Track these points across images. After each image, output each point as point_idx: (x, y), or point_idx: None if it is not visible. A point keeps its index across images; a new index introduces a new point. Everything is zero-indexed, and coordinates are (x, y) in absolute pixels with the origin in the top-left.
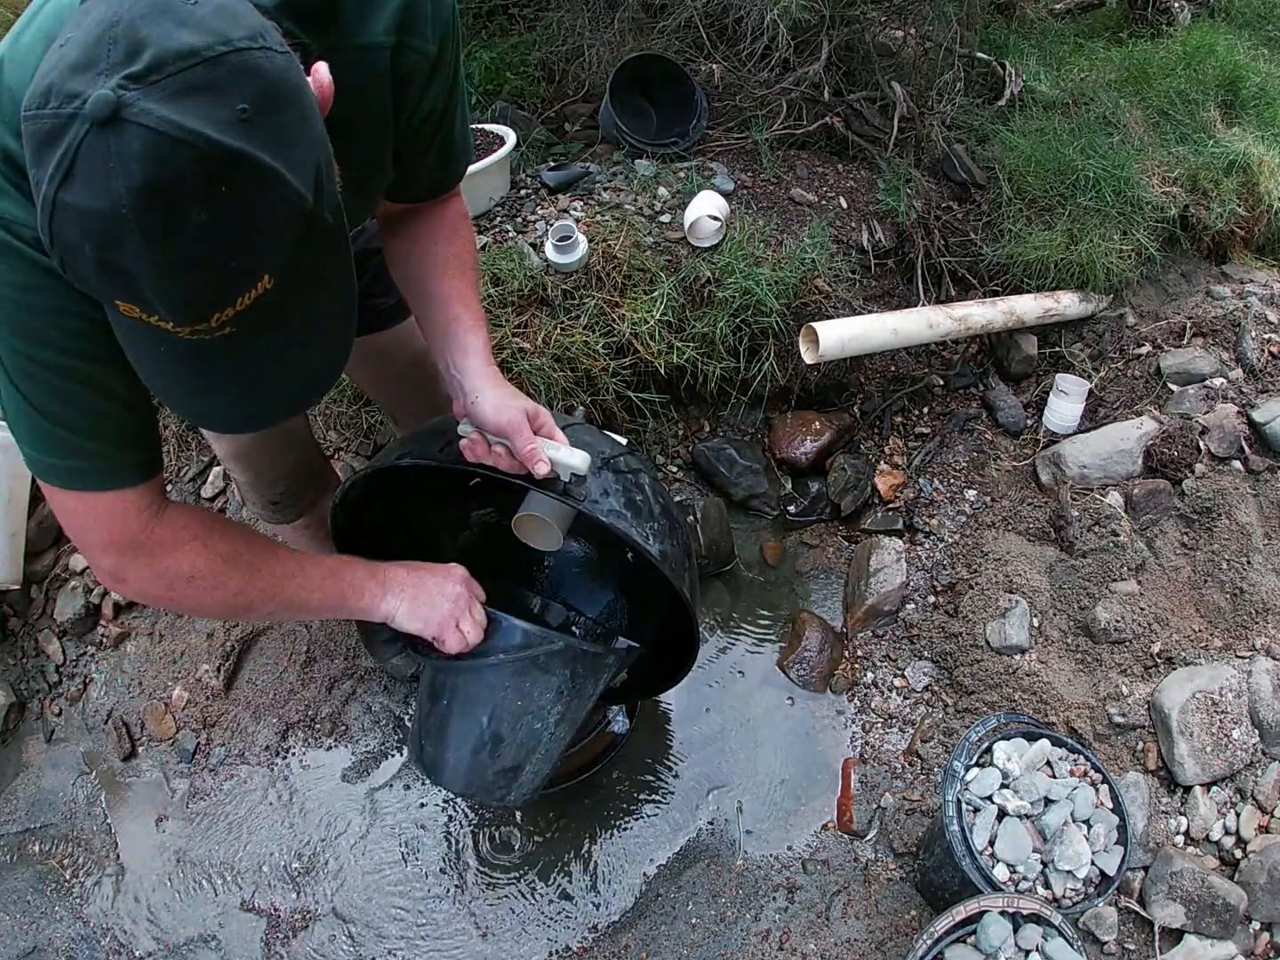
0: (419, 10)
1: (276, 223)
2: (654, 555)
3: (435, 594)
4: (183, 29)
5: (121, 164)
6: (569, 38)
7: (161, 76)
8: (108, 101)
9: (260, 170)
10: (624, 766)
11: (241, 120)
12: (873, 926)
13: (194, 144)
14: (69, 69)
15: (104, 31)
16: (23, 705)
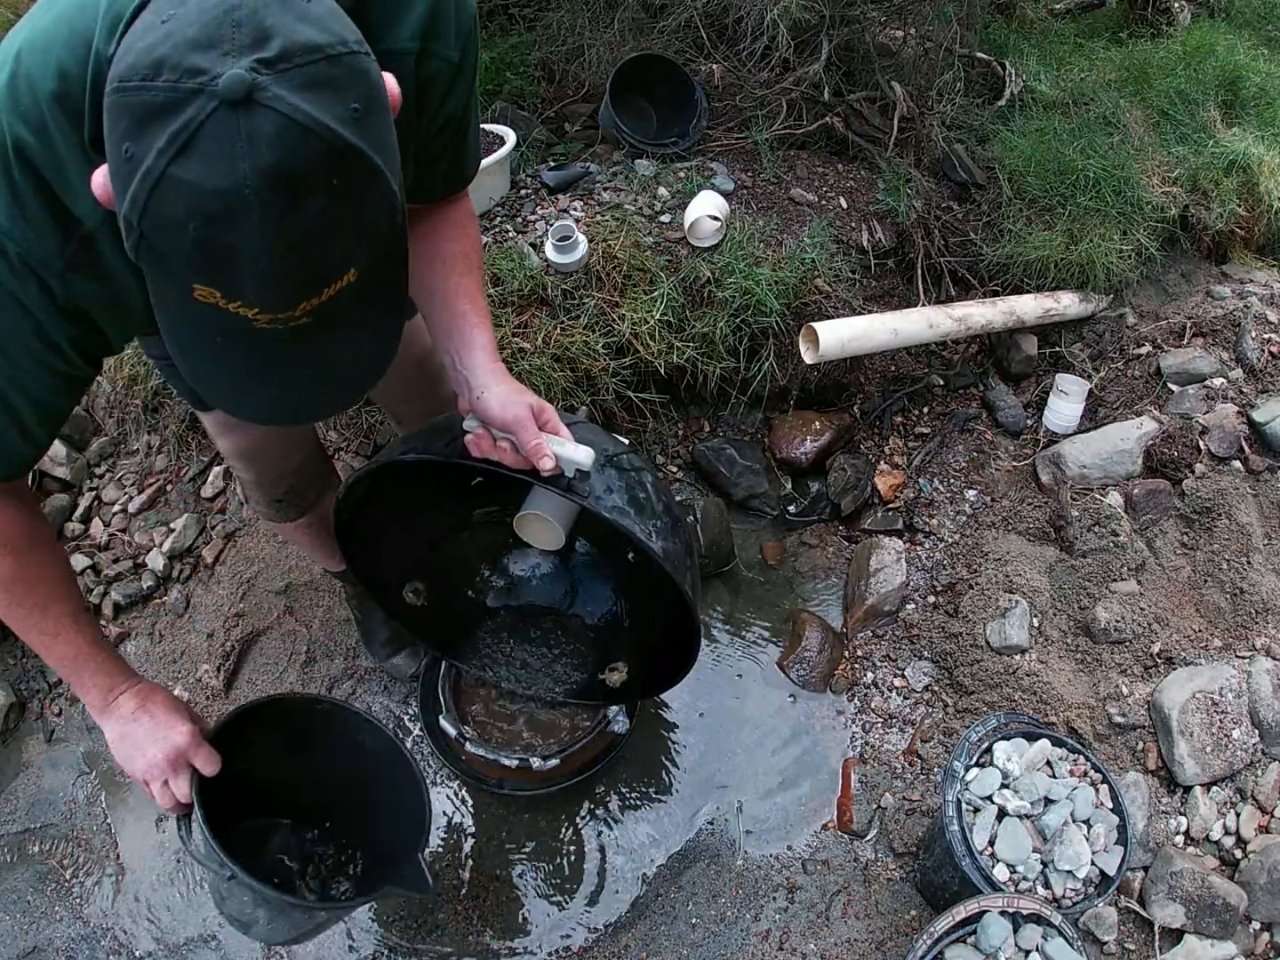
0: (444, 16)
1: (375, 219)
2: (656, 552)
3: (141, 744)
4: (304, 24)
5: (251, 145)
6: (569, 38)
7: (291, 66)
8: (242, 81)
9: (370, 167)
10: (624, 766)
11: (355, 118)
12: (873, 926)
13: (321, 135)
14: (187, 44)
15: (226, 13)
16: (23, 705)
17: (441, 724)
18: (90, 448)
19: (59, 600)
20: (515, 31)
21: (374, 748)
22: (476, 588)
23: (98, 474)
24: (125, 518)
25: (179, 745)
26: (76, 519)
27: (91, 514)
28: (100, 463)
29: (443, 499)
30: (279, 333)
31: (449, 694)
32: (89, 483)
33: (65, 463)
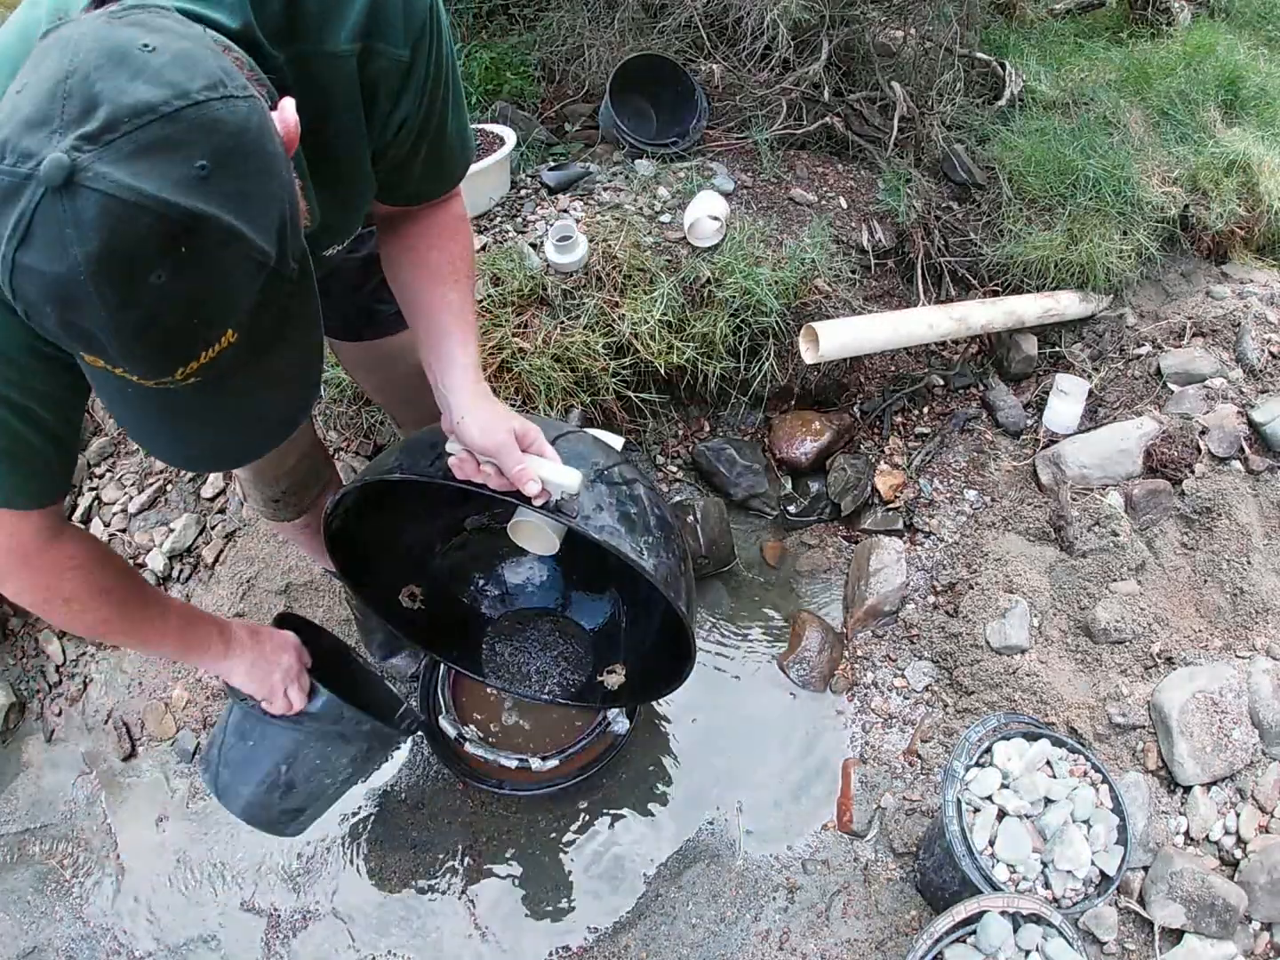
0: (385, 15)
1: (238, 280)
2: (648, 571)
3: (270, 661)
4: (138, 81)
5: (78, 230)
6: (569, 38)
7: (116, 135)
8: (61, 165)
9: (220, 230)
10: (624, 766)
11: (200, 178)
12: (873, 926)
13: (151, 208)
14: (23, 124)
15: (57, 84)
16: (23, 705)
17: (441, 724)
18: (90, 448)
19: (144, 589)
20: (515, 31)
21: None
22: (471, 594)
23: (98, 474)
24: (125, 518)
25: (296, 644)
26: (76, 519)
27: (91, 514)
28: (100, 463)
29: (435, 506)
30: (174, 391)
31: (448, 694)
32: (89, 483)
33: None
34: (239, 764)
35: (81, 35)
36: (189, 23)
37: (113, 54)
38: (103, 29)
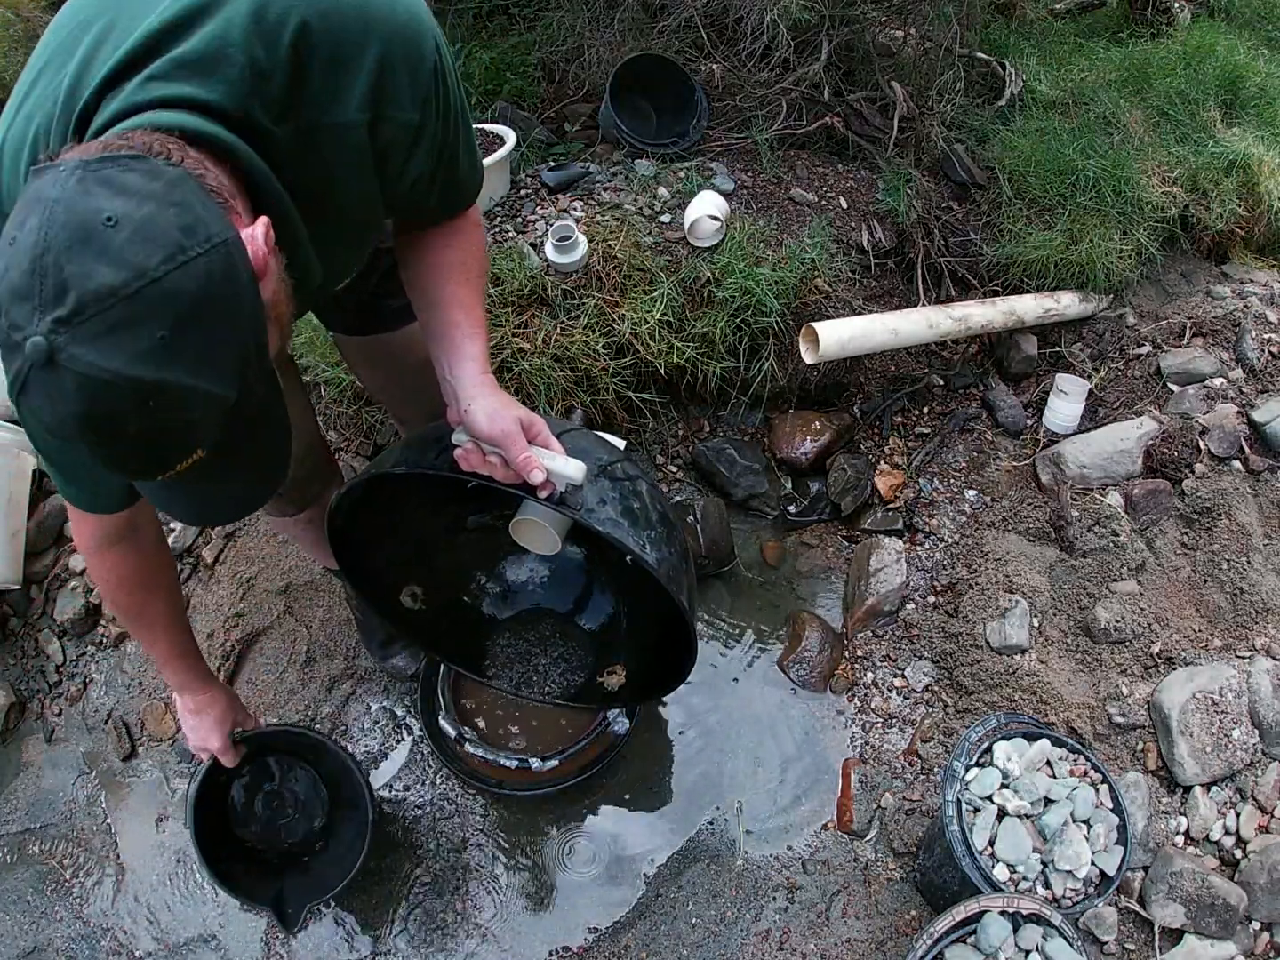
0: (394, 82)
1: (202, 420)
2: (650, 565)
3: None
4: (102, 262)
5: (62, 397)
6: (569, 38)
7: (85, 319)
8: (41, 349)
9: (181, 390)
10: (624, 766)
11: (162, 348)
12: (873, 926)
13: (118, 383)
14: (10, 293)
15: (35, 260)
16: (23, 705)
17: (441, 724)
18: None
19: (162, 626)
20: (515, 31)
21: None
22: (473, 593)
23: None
24: None
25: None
26: None
27: None
28: None
29: (438, 504)
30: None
31: (448, 694)
32: None
33: None
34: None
35: (56, 202)
36: (157, 171)
37: (78, 232)
38: (74, 197)
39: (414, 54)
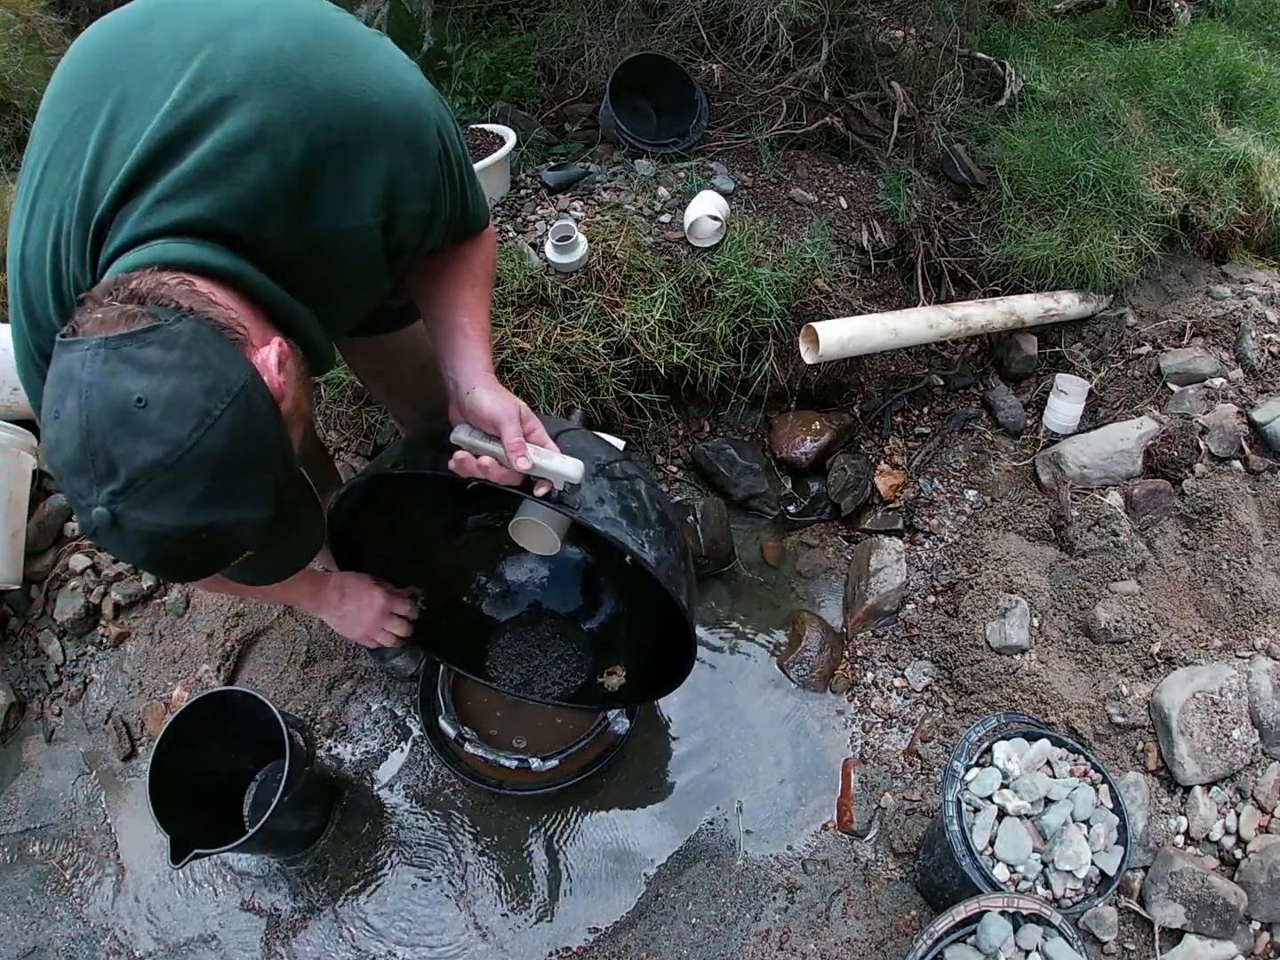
0: (404, 183)
1: (246, 537)
2: (649, 563)
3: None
4: (141, 441)
5: (128, 548)
6: (569, 38)
7: (136, 489)
8: (105, 518)
9: (225, 524)
10: (624, 766)
11: (204, 496)
12: (873, 926)
13: (174, 534)
14: (68, 466)
15: (84, 440)
16: (23, 705)
17: (441, 724)
18: None
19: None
20: (515, 31)
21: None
22: (473, 594)
23: None
24: None
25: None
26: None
27: None
28: None
29: (437, 505)
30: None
31: (448, 694)
32: None
33: None
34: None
35: (88, 387)
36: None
37: (115, 415)
38: (103, 379)
39: (420, 151)
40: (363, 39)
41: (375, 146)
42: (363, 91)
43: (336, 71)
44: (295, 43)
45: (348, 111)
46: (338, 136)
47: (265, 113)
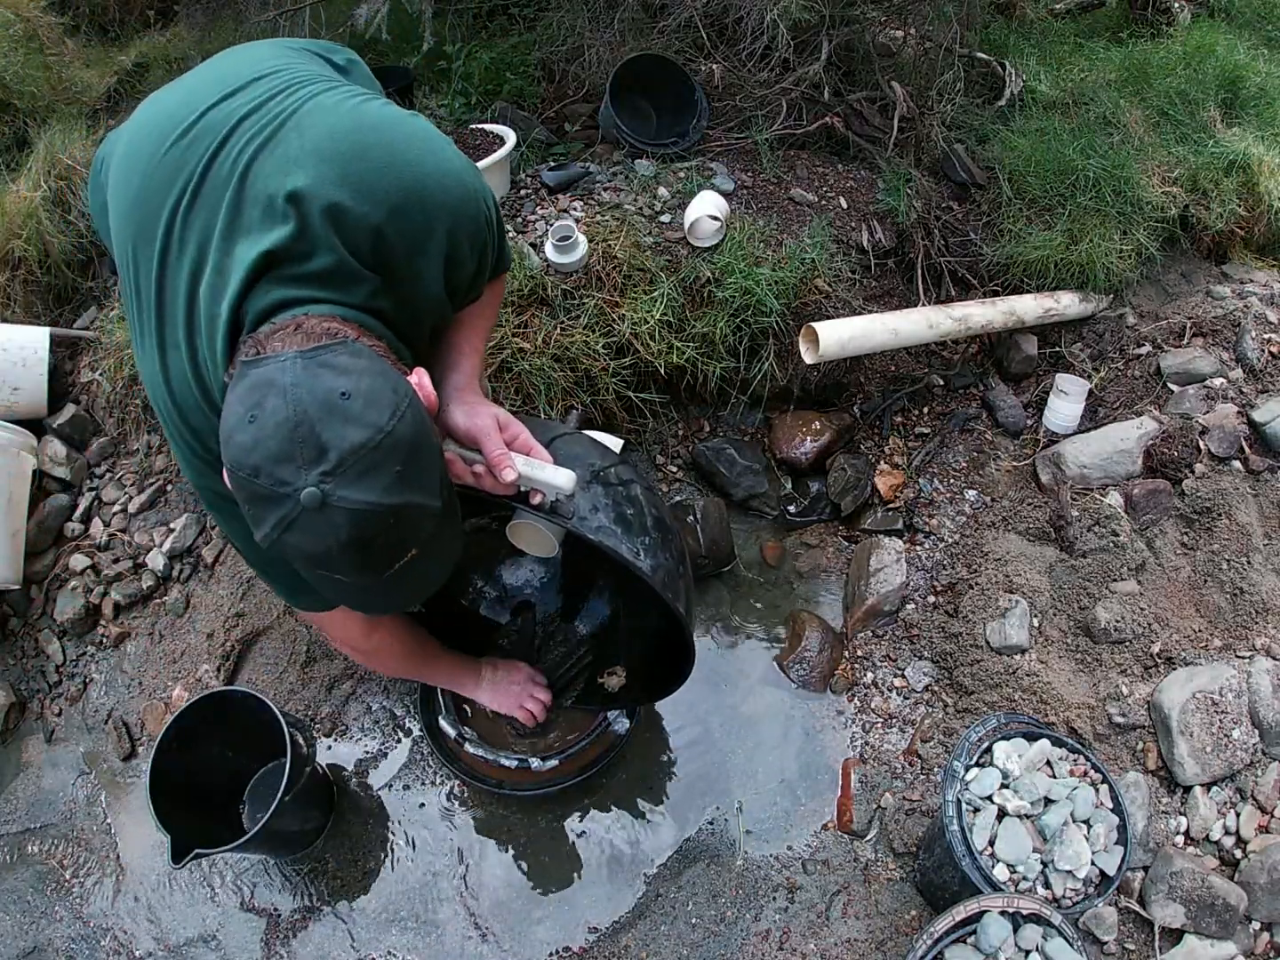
0: (459, 251)
1: (423, 526)
2: (645, 572)
3: (507, 693)
4: (350, 426)
5: (332, 530)
6: (569, 38)
7: (345, 469)
8: (316, 498)
9: (414, 508)
10: (625, 766)
11: (398, 479)
12: (873, 926)
13: (374, 511)
14: (271, 458)
15: (292, 430)
16: (23, 705)
17: (441, 725)
18: (90, 448)
19: (426, 648)
20: (515, 31)
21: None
22: (471, 596)
23: (98, 474)
24: (125, 518)
25: (525, 679)
26: (76, 519)
27: (91, 514)
28: (100, 463)
29: None
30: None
31: (448, 695)
32: (89, 483)
33: (65, 463)
34: None
35: (293, 386)
36: (357, 350)
37: (324, 407)
38: (308, 380)
39: (470, 221)
40: (401, 125)
41: (436, 226)
42: (417, 180)
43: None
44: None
45: (406, 202)
46: (403, 224)
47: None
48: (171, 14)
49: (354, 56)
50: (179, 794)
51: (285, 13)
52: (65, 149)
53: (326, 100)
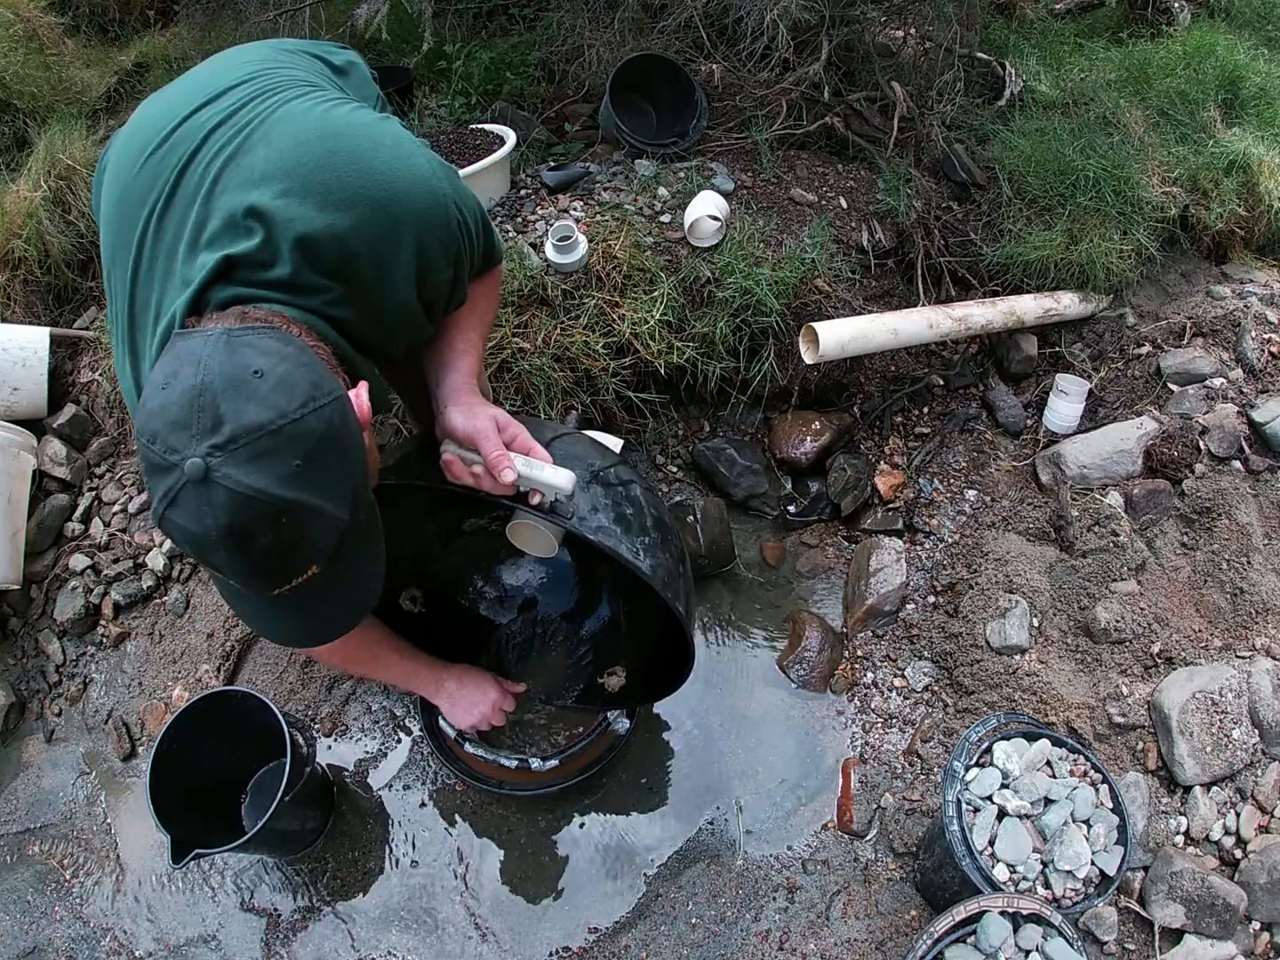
0: (429, 257)
1: (321, 537)
2: (644, 572)
3: (473, 703)
4: (251, 404)
5: (211, 509)
6: (569, 38)
7: (237, 446)
8: (199, 468)
9: (309, 509)
10: (625, 766)
11: (296, 474)
12: (873, 926)
13: (261, 499)
14: (169, 425)
15: (194, 399)
16: (23, 705)
17: (441, 725)
18: (90, 448)
19: (385, 645)
20: (515, 31)
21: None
22: (471, 596)
23: (98, 474)
24: (125, 518)
25: (494, 698)
26: (76, 519)
27: (91, 514)
28: (100, 463)
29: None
30: (270, 598)
31: None
32: (89, 483)
33: (65, 463)
34: None
35: (209, 357)
36: (287, 339)
37: (231, 380)
38: (224, 354)
39: (440, 229)
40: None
41: (401, 235)
42: (382, 188)
43: (351, 174)
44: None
45: (371, 212)
46: (368, 235)
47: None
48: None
49: (354, 58)
50: (179, 794)
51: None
52: (65, 149)
53: (297, 107)
